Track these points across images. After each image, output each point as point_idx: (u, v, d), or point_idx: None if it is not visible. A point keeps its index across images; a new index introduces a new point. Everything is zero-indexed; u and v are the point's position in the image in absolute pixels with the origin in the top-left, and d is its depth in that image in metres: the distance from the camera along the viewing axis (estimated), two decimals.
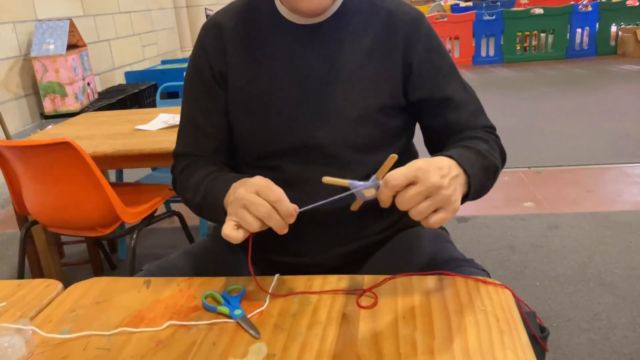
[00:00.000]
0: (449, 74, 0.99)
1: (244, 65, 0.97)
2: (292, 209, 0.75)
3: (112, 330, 0.76)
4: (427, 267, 0.89)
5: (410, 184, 0.71)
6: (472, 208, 2.65)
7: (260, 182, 0.78)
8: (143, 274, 0.95)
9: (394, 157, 0.72)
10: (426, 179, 0.71)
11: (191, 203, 0.96)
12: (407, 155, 1.03)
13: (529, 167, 3.24)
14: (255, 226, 0.76)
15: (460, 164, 0.80)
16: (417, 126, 1.06)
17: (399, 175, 0.71)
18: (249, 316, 0.76)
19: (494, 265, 2.13)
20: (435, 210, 0.73)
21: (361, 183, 0.75)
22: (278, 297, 0.81)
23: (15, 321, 0.77)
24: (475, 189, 0.83)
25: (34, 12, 4.01)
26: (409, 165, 0.72)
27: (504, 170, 1.00)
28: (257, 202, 0.75)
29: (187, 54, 6.55)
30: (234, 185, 0.83)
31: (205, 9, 6.97)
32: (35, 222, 1.83)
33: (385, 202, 0.74)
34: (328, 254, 0.97)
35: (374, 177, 0.74)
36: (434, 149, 1.03)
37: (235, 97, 0.98)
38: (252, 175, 0.98)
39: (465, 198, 0.82)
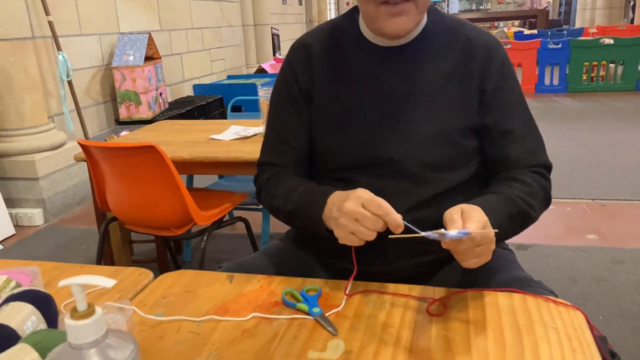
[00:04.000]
0: (516, 106, 1.02)
1: (328, 83, 1.04)
2: (399, 221, 0.81)
3: (201, 317, 0.83)
4: (495, 284, 0.92)
5: None
6: (532, 236, 2.61)
7: (364, 195, 0.84)
8: (224, 270, 1.03)
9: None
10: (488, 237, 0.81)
11: (280, 210, 1.03)
12: (478, 176, 1.06)
13: (592, 199, 3.15)
14: (371, 237, 0.82)
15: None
16: None
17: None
18: (326, 315, 0.82)
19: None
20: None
21: (451, 233, 0.78)
22: (353, 300, 0.86)
23: (117, 301, 0.85)
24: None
25: (117, 25, 4.31)
26: (484, 224, 0.80)
27: (565, 200, 1.02)
28: (369, 217, 0.82)
29: (252, 70, 6.78)
30: (334, 198, 0.90)
31: (271, 27, 7.22)
32: (113, 219, 1.96)
33: (456, 252, 0.81)
34: (397, 265, 1.01)
35: (466, 230, 0.78)
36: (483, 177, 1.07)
37: (319, 112, 1.05)
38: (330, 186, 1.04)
39: None
